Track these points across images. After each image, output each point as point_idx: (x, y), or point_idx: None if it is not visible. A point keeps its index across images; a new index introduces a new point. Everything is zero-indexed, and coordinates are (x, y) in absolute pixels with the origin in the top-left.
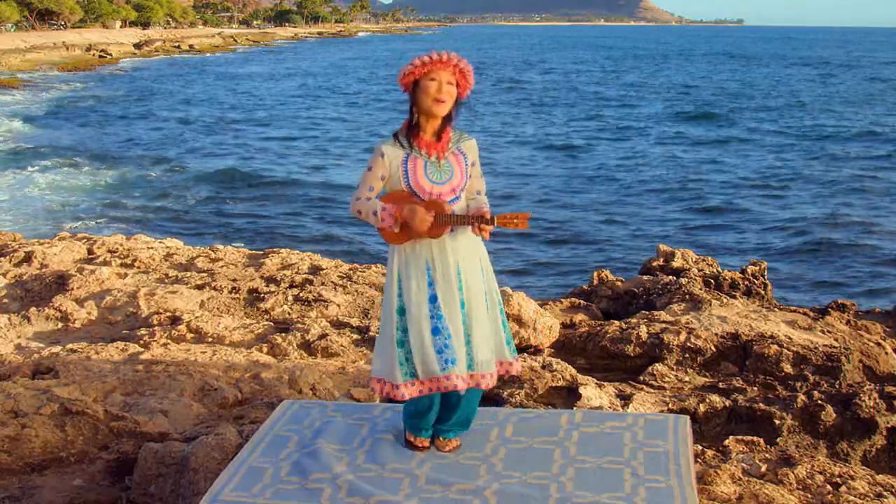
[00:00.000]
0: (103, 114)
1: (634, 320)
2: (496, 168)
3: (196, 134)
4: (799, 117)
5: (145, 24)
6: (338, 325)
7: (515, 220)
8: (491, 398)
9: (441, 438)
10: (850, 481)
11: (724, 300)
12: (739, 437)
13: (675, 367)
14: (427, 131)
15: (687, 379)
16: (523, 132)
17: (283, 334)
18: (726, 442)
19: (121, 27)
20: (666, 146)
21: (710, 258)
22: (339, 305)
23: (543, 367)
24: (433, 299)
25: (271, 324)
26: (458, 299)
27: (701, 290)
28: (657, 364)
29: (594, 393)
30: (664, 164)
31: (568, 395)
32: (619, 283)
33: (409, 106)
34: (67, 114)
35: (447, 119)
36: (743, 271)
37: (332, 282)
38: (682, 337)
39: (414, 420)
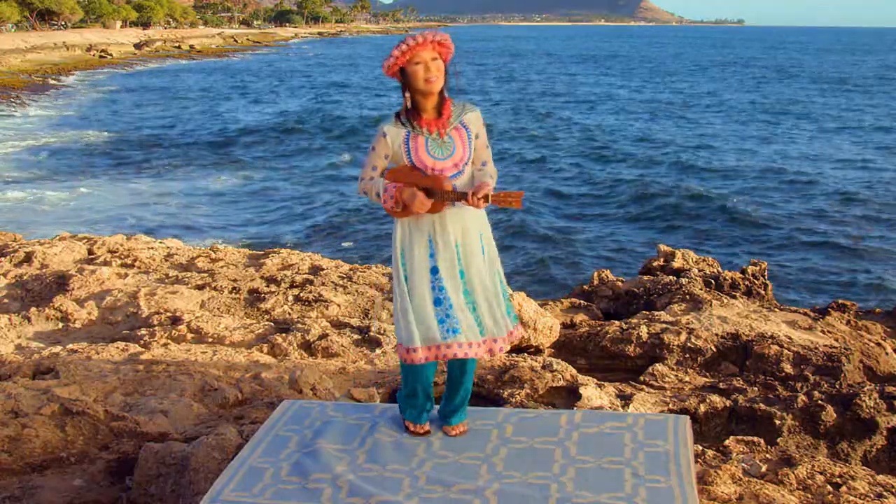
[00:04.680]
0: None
1: (635, 320)
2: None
3: None
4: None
5: (146, 24)
6: (338, 325)
7: (510, 199)
8: (491, 398)
9: (448, 426)
10: (850, 481)
11: (725, 300)
12: (740, 438)
13: (675, 368)
14: (426, 109)
15: (687, 379)
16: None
17: (284, 334)
18: (726, 442)
19: (121, 27)
20: (662, 147)
21: (710, 258)
22: (339, 305)
23: (544, 367)
24: (434, 271)
25: (272, 324)
26: (457, 270)
27: (701, 290)
28: (657, 364)
29: (594, 393)
30: (662, 164)
31: (568, 395)
32: (620, 283)
33: (401, 91)
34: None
35: (443, 92)
36: (743, 271)
37: (332, 282)
38: (683, 337)
39: (408, 406)
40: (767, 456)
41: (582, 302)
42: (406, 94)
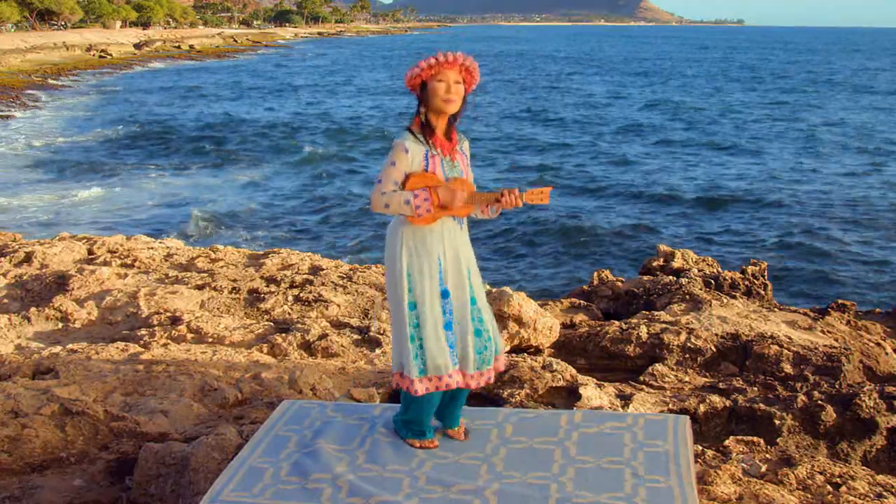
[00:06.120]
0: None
1: (635, 320)
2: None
3: None
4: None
5: (145, 25)
6: (338, 325)
7: (540, 195)
8: (491, 398)
9: (453, 429)
10: (850, 481)
11: (725, 300)
12: (739, 438)
13: (675, 368)
14: (438, 128)
15: (687, 379)
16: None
17: (284, 334)
18: (726, 442)
19: (121, 27)
20: (660, 147)
21: (710, 258)
22: (339, 306)
23: (543, 368)
24: (445, 294)
25: (271, 324)
26: (468, 296)
27: (701, 290)
28: (657, 364)
29: (594, 393)
30: (661, 164)
31: (568, 396)
32: (620, 283)
33: (416, 105)
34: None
35: (453, 118)
36: (743, 271)
37: (332, 282)
38: (683, 337)
39: (414, 426)
40: (767, 456)
41: (582, 302)
42: (421, 109)
